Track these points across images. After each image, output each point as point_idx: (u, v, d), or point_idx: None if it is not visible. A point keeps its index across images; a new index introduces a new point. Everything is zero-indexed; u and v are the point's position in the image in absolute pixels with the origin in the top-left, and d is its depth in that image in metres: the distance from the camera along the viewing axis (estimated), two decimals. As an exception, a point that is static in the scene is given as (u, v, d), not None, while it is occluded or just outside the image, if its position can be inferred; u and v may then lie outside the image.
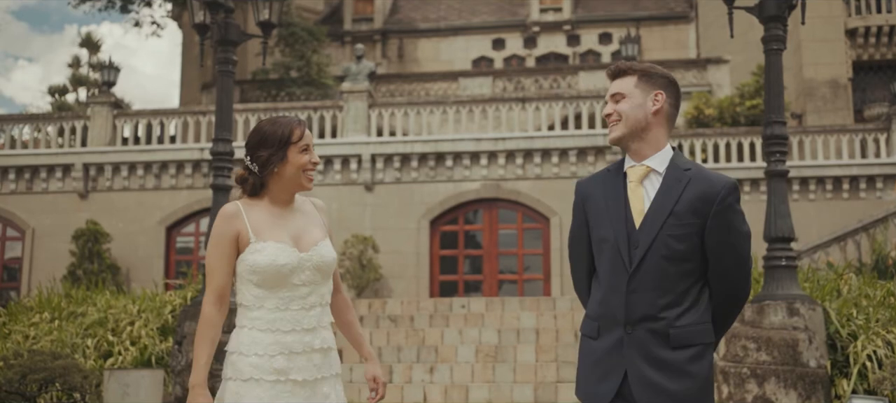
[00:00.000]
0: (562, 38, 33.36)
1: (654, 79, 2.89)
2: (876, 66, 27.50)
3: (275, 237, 2.97)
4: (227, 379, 2.96)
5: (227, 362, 2.98)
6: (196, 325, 8.64)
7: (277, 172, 2.99)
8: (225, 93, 8.89)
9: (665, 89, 2.89)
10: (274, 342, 2.92)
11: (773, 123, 8.40)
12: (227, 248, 2.96)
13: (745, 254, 2.82)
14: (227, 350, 3.00)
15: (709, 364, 2.78)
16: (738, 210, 2.81)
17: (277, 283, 2.93)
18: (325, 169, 20.43)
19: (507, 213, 20.52)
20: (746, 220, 2.85)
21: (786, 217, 8.14)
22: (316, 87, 26.63)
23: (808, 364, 7.62)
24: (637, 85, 2.87)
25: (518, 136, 20.05)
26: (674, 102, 2.92)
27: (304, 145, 3.02)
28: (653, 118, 2.85)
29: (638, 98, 2.86)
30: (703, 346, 2.75)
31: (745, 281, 2.84)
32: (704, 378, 2.75)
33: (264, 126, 3.03)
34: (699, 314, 2.77)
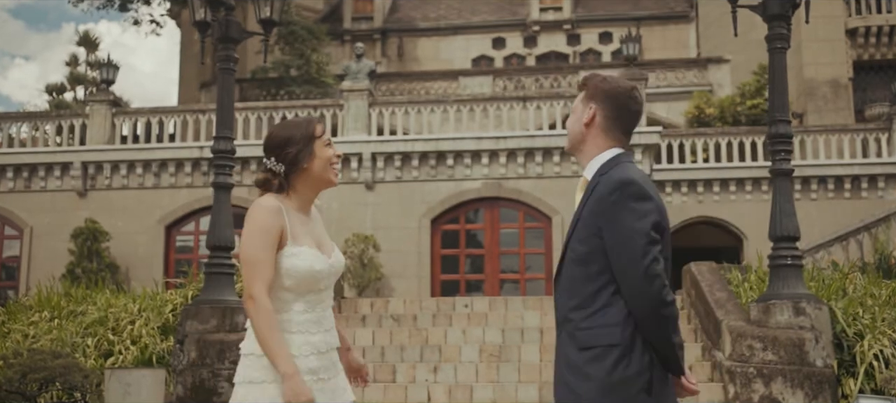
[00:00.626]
0: (562, 37, 33.32)
1: (591, 92, 2.99)
2: (876, 65, 27.46)
3: (307, 242, 3.01)
4: (259, 383, 2.89)
5: (253, 364, 2.91)
6: (197, 323, 8.58)
7: (306, 169, 3.00)
8: (226, 91, 8.83)
9: (601, 102, 2.95)
10: (305, 343, 2.94)
11: (777, 122, 8.35)
12: (273, 241, 2.93)
13: (638, 253, 2.70)
14: (249, 352, 2.94)
15: (610, 367, 2.71)
16: (628, 207, 2.74)
17: (307, 288, 2.97)
18: (326, 167, 20.34)
19: (509, 212, 20.45)
20: (645, 219, 2.72)
21: (791, 216, 8.09)
22: (315, 86, 26.58)
23: (814, 363, 7.56)
24: (581, 100, 3.00)
25: (519, 135, 19.98)
26: (611, 114, 2.95)
27: (327, 139, 3.07)
28: (585, 130, 2.95)
29: (578, 112, 3.00)
30: (604, 348, 2.73)
31: (643, 282, 2.70)
32: (601, 381, 2.72)
33: (287, 125, 3.06)
34: (608, 317, 2.75)
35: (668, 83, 28.66)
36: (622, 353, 2.72)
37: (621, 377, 2.71)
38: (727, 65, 28.82)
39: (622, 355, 2.72)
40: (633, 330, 2.73)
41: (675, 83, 28.74)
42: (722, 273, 9.86)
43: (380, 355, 9.46)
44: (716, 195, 21.68)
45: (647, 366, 2.73)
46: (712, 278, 9.52)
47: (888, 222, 19.54)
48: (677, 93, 28.12)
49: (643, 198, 2.75)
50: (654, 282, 2.69)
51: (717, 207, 21.67)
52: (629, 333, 2.73)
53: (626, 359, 2.72)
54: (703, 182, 21.64)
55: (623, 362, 2.72)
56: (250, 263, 2.90)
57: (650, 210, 2.75)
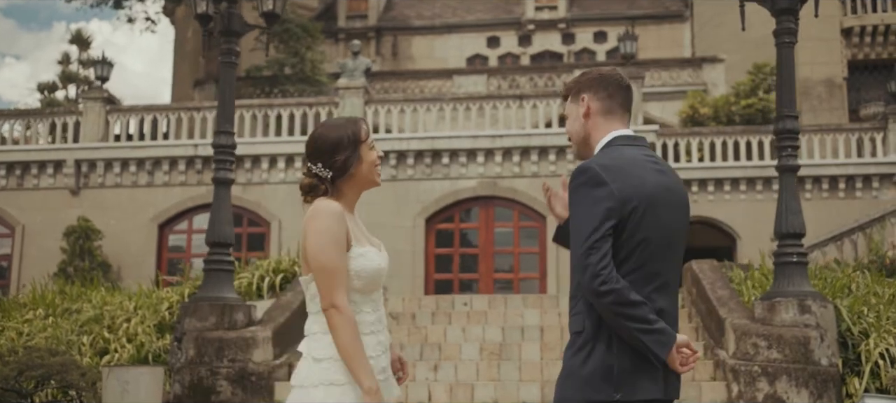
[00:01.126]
0: (556, 36, 33.26)
1: (578, 88, 2.96)
2: (871, 65, 27.50)
3: (366, 243, 3.01)
4: (341, 384, 2.85)
5: (333, 368, 2.86)
6: (195, 321, 8.48)
7: (353, 173, 3.00)
8: (228, 85, 8.73)
9: (589, 89, 2.93)
10: (377, 343, 2.95)
11: (784, 117, 8.30)
12: (344, 247, 2.91)
13: (578, 240, 2.67)
14: (328, 356, 2.88)
15: (574, 355, 2.72)
16: (580, 193, 2.71)
17: (373, 287, 2.98)
18: (321, 166, 20.24)
19: (504, 211, 20.40)
20: (594, 206, 2.66)
21: (797, 213, 8.04)
22: (310, 85, 26.46)
23: (819, 362, 7.51)
24: (571, 101, 2.96)
25: (515, 134, 19.92)
26: (603, 95, 2.92)
27: (372, 141, 3.07)
28: (586, 123, 2.91)
29: (573, 112, 2.96)
30: (573, 336, 2.75)
31: (578, 271, 2.67)
32: (568, 369, 2.73)
33: (330, 131, 3.02)
34: (580, 304, 2.75)
35: (663, 82, 28.65)
36: (585, 341, 2.71)
37: (590, 368, 2.68)
38: (722, 64, 28.83)
39: (585, 343, 2.70)
40: (599, 318, 2.69)
41: (669, 82, 28.73)
42: (723, 271, 9.81)
43: (379, 353, 9.38)
44: (710, 195, 21.64)
45: (607, 355, 2.67)
46: (714, 276, 9.46)
47: (883, 222, 19.53)
48: (672, 92, 28.11)
49: (597, 183, 2.69)
50: (586, 271, 2.63)
51: (711, 207, 21.63)
52: (593, 320, 2.70)
53: (588, 348, 2.70)
54: (697, 182, 21.61)
55: (585, 350, 2.70)
56: (327, 271, 2.85)
57: (601, 197, 2.68)
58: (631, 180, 2.74)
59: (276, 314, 9.32)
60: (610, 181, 2.70)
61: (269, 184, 20.31)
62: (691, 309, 9.89)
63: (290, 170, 20.30)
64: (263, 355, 8.68)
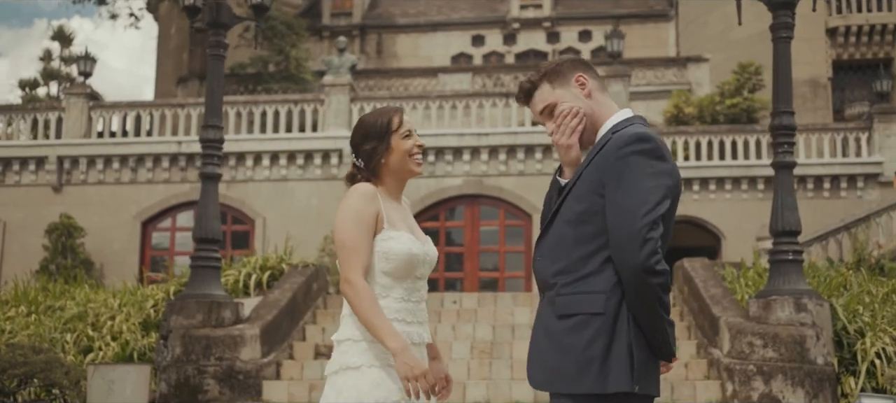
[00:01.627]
0: (541, 35, 33.20)
1: (560, 70, 2.75)
2: (855, 65, 27.63)
3: (403, 228, 2.97)
4: (357, 367, 2.80)
5: (350, 349, 2.83)
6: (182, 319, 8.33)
7: (385, 163, 2.98)
8: (216, 78, 8.58)
9: (577, 70, 2.75)
10: (402, 332, 2.85)
11: (781, 113, 8.25)
12: (370, 226, 2.88)
13: (638, 212, 2.42)
14: (346, 337, 2.86)
15: (589, 340, 2.46)
16: (639, 163, 2.48)
17: (406, 274, 2.91)
18: (305, 163, 20.10)
19: (489, 210, 20.31)
20: (656, 178, 2.46)
21: (793, 209, 7.98)
22: (294, 82, 26.25)
23: (815, 361, 7.46)
24: (557, 87, 2.71)
25: (501, 132, 19.84)
26: (593, 75, 2.75)
27: (406, 131, 3.02)
28: (591, 101, 2.70)
29: (568, 96, 2.69)
30: (585, 317, 2.48)
31: (634, 243, 2.41)
32: (579, 353, 2.46)
33: (366, 119, 3.04)
34: (594, 283, 2.50)
35: (648, 82, 28.64)
36: (604, 325, 2.47)
37: (599, 352, 2.45)
38: (706, 64, 28.85)
39: (604, 327, 2.47)
40: (620, 302, 2.47)
41: (654, 82, 28.73)
42: (715, 269, 9.75)
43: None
44: (695, 194, 21.64)
45: (630, 344, 2.45)
46: (706, 274, 9.40)
47: (868, 222, 19.60)
48: (656, 91, 28.09)
49: (659, 157, 2.50)
50: (645, 246, 2.40)
51: (696, 206, 21.63)
52: (615, 303, 2.47)
53: (607, 333, 2.46)
54: (682, 181, 21.62)
55: (603, 335, 2.46)
56: (346, 247, 2.84)
57: (664, 171, 2.50)
58: (675, 165, 2.60)
59: (264, 312, 9.18)
60: (670, 159, 2.54)
61: (254, 181, 20.13)
62: (683, 307, 9.82)
63: (275, 168, 20.13)
64: (251, 353, 8.55)
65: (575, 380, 2.47)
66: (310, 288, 10.40)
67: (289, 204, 19.83)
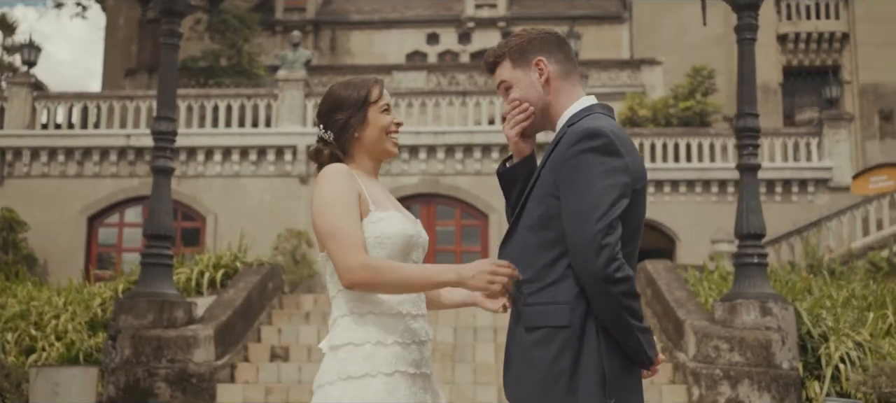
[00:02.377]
0: (496, 34, 33.06)
1: (524, 48, 2.53)
2: (805, 71, 28.03)
3: (390, 207, 2.61)
4: (359, 377, 2.42)
5: (350, 356, 2.44)
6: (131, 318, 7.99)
7: (359, 137, 2.63)
8: (169, 68, 8.25)
9: (542, 50, 2.52)
10: (406, 329, 2.52)
11: (745, 115, 8.23)
12: (355, 206, 2.50)
13: (591, 216, 2.25)
14: (344, 342, 2.47)
15: (555, 354, 2.29)
16: (590, 161, 2.29)
17: (402, 259, 2.54)
18: (258, 159, 19.72)
19: (446, 209, 20.15)
20: (609, 177, 2.28)
21: (757, 212, 7.93)
22: (246, 77, 25.76)
23: (781, 365, 7.41)
24: (515, 67, 2.52)
25: (458, 131, 19.68)
26: (560, 56, 2.53)
27: (384, 104, 2.67)
28: (547, 89, 2.49)
29: (524, 80, 2.51)
30: (549, 330, 2.32)
31: (589, 251, 2.24)
32: (545, 369, 2.30)
33: (336, 89, 2.67)
34: (558, 293, 2.33)
35: (602, 83, 28.71)
36: (570, 338, 2.30)
37: (567, 367, 2.29)
38: (660, 66, 29.02)
39: (570, 340, 2.30)
40: (586, 312, 2.30)
41: (608, 83, 28.81)
42: (678, 272, 9.69)
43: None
44: (650, 197, 21.67)
45: (599, 357, 2.29)
46: (669, 276, 9.33)
47: (819, 226, 19.86)
48: (610, 93, 28.13)
49: (612, 153, 2.31)
50: (602, 253, 2.22)
51: (651, 209, 21.56)
52: (581, 314, 2.31)
53: (574, 346, 2.30)
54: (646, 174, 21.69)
55: (570, 349, 2.29)
56: (336, 234, 2.44)
57: (619, 168, 2.31)
58: (636, 156, 2.39)
59: (218, 311, 8.86)
60: (624, 153, 2.33)
61: (205, 177, 19.68)
62: (646, 309, 9.73)
63: (227, 163, 19.71)
64: (205, 355, 8.23)
65: (543, 397, 2.32)
66: (265, 288, 10.10)
67: (241, 200, 19.43)
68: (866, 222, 19.66)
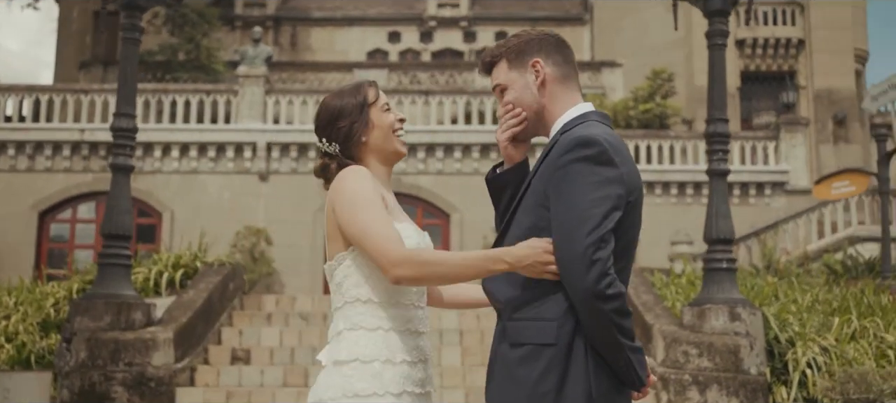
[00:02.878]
0: (458, 34, 33.06)
1: (522, 49, 2.44)
2: (762, 76, 28.36)
3: (405, 219, 2.50)
4: (367, 396, 2.29)
5: (358, 373, 2.30)
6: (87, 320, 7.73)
7: (365, 142, 2.50)
8: (130, 63, 8.00)
9: (540, 52, 2.42)
10: (415, 347, 2.42)
11: (715, 120, 8.22)
12: (382, 203, 2.37)
13: (582, 229, 2.14)
14: (351, 358, 2.33)
15: (541, 373, 2.19)
16: (582, 171, 2.19)
17: None
18: (217, 156, 19.39)
19: (407, 208, 19.66)
20: (602, 189, 2.18)
21: (727, 217, 7.92)
22: (205, 72, 25.34)
23: (749, 371, 7.40)
24: (511, 68, 2.43)
25: (420, 130, 19.55)
26: (559, 59, 2.43)
27: (384, 104, 2.56)
28: (542, 92, 2.40)
29: (520, 82, 2.41)
30: (535, 347, 2.22)
31: (579, 266, 2.14)
32: (530, 388, 2.20)
33: (331, 100, 2.56)
34: (545, 309, 2.23)
35: (563, 85, 28.80)
36: (556, 356, 2.20)
37: (552, 387, 2.19)
38: (620, 69, 29.15)
39: (556, 359, 2.20)
40: (574, 330, 2.20)
41: (569, 85, 28.89)
42: (645, 275, 9.66)
43: (290, 357, 8.80)
44: (610, 198, 21.79)
45: (587, 377, 2.19)
46: (636, 279, 9.28)
47: (776, 229, 20.10)
48: (571, 95, 28.27)
49: (605, 162, 2.20)
50: (592, 268, 2.12)
51: (611, 210, 21.77)
52: (568, 332, 2.20)
53: (560, 365, 2.20)
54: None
55: (556, 368, 2.20)
56: (369, 232, 2.30)
57: (612, 179, 2.20)
58: (632, 166, 2.28)
59: (178, 313, 8.63)
60: (619, 163, 2.22)
61: (162, 173, 19.31)
62: (611, 313, 9.68)
63: (185, 159, 19.36)
64: (164, 358, 8.00)
65: None
66: (226, 288, 9.87)
67: (199, 197, 19.09)
68: (821, 225, 19.94)
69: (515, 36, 2.49)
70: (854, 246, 18.55)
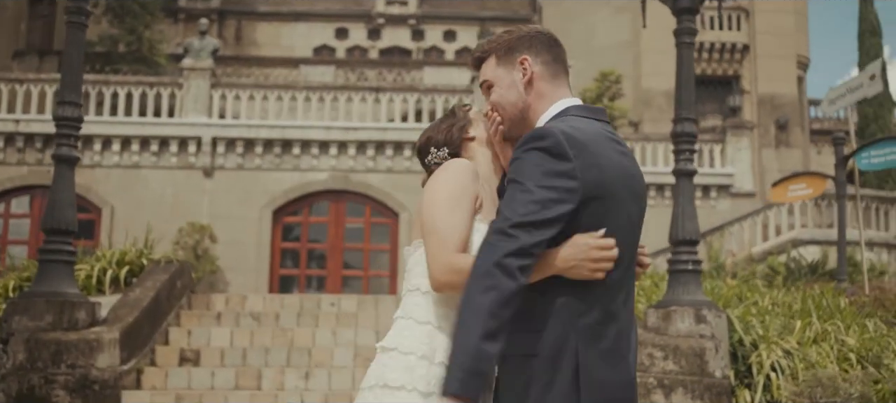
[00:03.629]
0: (406, 32, 32.82)
1: (511, 46, 2.37)
2: (708, 80, 28.64)
3: None
4: (396, 387, 2.18)
5: (393, 364, 2.20)
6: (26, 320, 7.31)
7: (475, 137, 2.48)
8: (75, 48, 7.57)
9: (529, 49, 2.35)
10: None
11: (683, 120, 8.12)
12: (469, 204, 2.26)
13: (509, 205, 2.06)
14: (392, 346, 2.25)
15: (524, 386, 2.08)
16: (529, 159, 2.10)
17: None
18: (160, 150, 18.84)
19: (356, 206, 19.69)
20: (547, 179, 2.06)
21: (692, 218, 7.83)
22: (146, 65, 24.66)
23: (714, 374, 7.30)
24: (499, 65, 2.36)
25: (370, 127, 19.25)
26: (548, 57, 2.36)
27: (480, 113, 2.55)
28: (529, 91, 2.32)
29: (506, 79, 2.34)
30: (518, 358, 2.11)
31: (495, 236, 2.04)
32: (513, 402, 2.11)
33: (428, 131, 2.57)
34: (529, 319, 2.12)
35: (512, 85, 28.78)
36: (540, 368, 2.10)
37: (536, 398, 2.10)
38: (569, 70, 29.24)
39: (540, 370, 2.10)
40: (561, 339, 2.10)
41: (517, 85, 28.89)
42: (605, 276, 9.54)
43: (241, 358, 8.47)
44: (560, 198, 21.76)
45: (574, 390, 2.07)
46: (596, 282, 9.16)
47: (722, 231, 20.28)
48: (520, 95, 28.26)
49: (556, 155, 2.08)
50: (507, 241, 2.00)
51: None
52: (555, 341, 2.10)
53: (544, 377, 2.10)
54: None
55: (539, 380, 2.10)
56: (434, 232, 2.20)
57: (561, 172, 2.07)
58: (598, 160, 2.14)
59: (124, 313, 8.23)
60: (573, 156, 2.09)
61: (102, 166, 18.68)
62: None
63: (126, 154, 18.76)
64: (109, 360, 7.60)
65: None
66: (174, 286, 9.48)
67: (141, 192, 18.52)
68: (766, 228, 20.17)
69: (507, 32, 2.41)
70: (797, 248, 18.83)
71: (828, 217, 19.77)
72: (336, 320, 9.33)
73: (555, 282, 2.10)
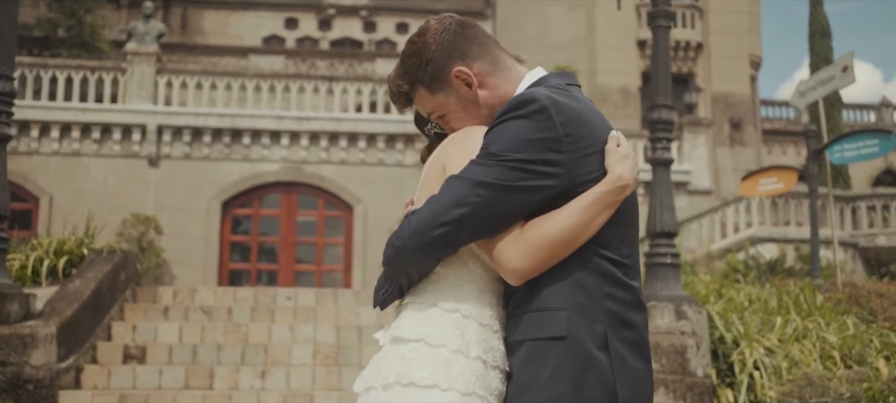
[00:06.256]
0: (358, 23, 32.25)
1: (435, 65, 2.05)
2: (662, 77, 28.63)
3: None
4: (426, 387, 1.79)
5: (420, 358, 1.83)
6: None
7: None
8: (8, 19, 6.92)
9: (454, 56, 2.05)
10: (494, 348, 1.93)
11: (660, 107, 7.78)
12: None
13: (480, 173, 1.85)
14: (415, 337, 1.85)
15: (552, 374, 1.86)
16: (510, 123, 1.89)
17: None
18: (102, 138, 18.01)
19: (308, 199, 19.08)
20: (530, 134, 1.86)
21: (671, 209, 7.49)
22: (87, 51, 23.68)
23: (695, 372, 6.95)
24: (434, 92, 2.07)
25: (323, 117, 18.67)
26: (475, 51, 2.08)
27: None
28: (481, 93, 2.06)
29: (452, 103, 2.07)
30: (540, 342, 1.91)
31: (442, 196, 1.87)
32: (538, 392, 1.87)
33: None
34: (549, 296, 1.92)
35: (466, 79, 28.41)
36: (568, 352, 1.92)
37: (567, 388, 1.90)
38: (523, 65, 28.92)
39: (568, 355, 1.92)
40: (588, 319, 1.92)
41: (471, 80, 28.54)
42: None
43: (191, 355, 7.88)
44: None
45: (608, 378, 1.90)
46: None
47: (682, 228, 20.13)
48: (474, 89, 27.90)
49: (542, 114, 1.87)
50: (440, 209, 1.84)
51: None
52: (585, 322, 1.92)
53: (574, 361, 1.91)
54: None
55: (570, 366, 1.92)
56: None
57: (541, 139, 1.86)
58: (593, 129, 1.93)
59: (62, 305, 7.59)
60: (561, 121, 1.88)
61: (40, 154, 17.80)
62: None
63: (66, 141, 17.89)
64: (45, 356, 6.98)
65: None
66: (117, 278, 8.84)
67: (82, 182, 17.68)
68: (724, 226, 20.09)
69: (414, 54, 2.07)
70: (755, 246, 18.77)
71: (785, 214, 19.75)
72: (293, 315, 8.79)
73: (575, 262, 1.90)
